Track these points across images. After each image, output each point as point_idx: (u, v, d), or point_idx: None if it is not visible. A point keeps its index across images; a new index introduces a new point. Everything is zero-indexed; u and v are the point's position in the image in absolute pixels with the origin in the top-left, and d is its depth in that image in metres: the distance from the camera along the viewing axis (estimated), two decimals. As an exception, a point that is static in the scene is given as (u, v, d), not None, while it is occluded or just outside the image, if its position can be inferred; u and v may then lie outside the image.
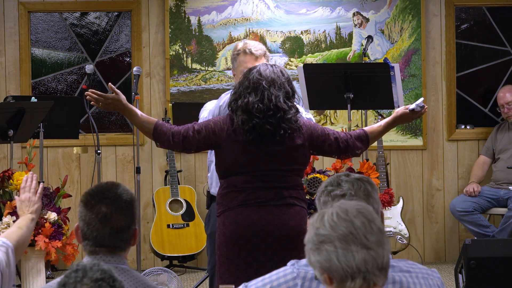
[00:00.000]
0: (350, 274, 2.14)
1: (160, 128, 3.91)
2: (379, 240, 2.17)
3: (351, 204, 2.23)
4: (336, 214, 2.19)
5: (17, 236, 3.17)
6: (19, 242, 3.16)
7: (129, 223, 2.78)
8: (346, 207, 2.21)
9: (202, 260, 7.30)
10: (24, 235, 3.20)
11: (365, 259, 2.14)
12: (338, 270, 2.15)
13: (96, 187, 2.82)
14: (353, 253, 2.14)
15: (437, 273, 2.72)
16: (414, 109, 4.13)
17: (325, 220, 2.19)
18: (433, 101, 7.53)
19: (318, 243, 2.19)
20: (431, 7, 7.52)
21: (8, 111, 5.51)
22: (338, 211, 2.20)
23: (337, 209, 2.21)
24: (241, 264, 3.87)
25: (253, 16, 7.47)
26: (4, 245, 3.06)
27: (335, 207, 2.22)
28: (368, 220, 2.19)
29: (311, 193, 5.23)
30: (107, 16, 7.55)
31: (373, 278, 2.15)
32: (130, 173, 7.40)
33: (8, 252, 3.05)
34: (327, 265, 2.16)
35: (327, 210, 2.22)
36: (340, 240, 2.15)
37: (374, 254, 2.15)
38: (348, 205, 2.22)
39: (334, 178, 2.82)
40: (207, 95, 7.38)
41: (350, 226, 2.16)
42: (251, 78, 3.90)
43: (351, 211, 2.19)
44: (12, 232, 3.18)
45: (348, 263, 2.14)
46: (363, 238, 2.15)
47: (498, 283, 4.71)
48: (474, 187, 7.11)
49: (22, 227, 3.22)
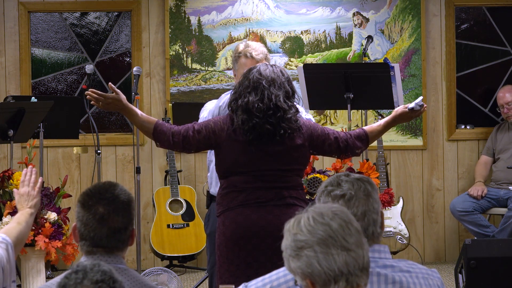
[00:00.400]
0: (332, 278, 2.13)
1: (160, 128, 3.91)
2: (358, 240, 2.17)
3: (326, 207, 2.22)
4: (313, 218, 2.18)
5: (16, 232, 3.16)
6: (18, 238, 3.15)
7: (127, 224, 2.78)
8: (321, 211, 2.19)
9: (202, 260, 7.30)
10: (23, 231, 3.19)
11: (346, 261, 2.13)
12: (320, 275, 2.14)
13: (94, 187, 2.82)
14: (333, 256, 2.13)
15: (437, 273, 2.72)
16: (413, 108, 4.13)
17: (302, 225, 2.18)
18: (433, 101, 7.54)
19: (297, 249, 2.18)
20: (431, 7, 7.52)
21: (8, 111, 5.51)
22: (313, 215, 2.19)
23: (312, 213, 2.19)
24: (241, 264, 3.87)
25: (253, 16, 7.47)
26: (4, 241, 3.06)
27: (309, 212, 2.20)
28: (345, 222, 2.18)
29: (311, 193, 5.24)
30: (107, 16, 7.55)
31: (355, 279, 2.14)
32: (130, 173, 7.40)
33: (8, 249, 3.05)
34: (309, 271, 2.15)
35: (303, 215, 2.21)
36: (320, 244, 2.14)
37: (354, 255, 2.15)
38: (323, 208, 2.21)
39: (334, 178, 2.82)
40: (207, 95, 7.37)
41: (328, 229, 2.15)
42: (251, 78, 3.90)
43: (327, 213, 2.18)
44: (12, 228, 3.17)
45: (330, 266, 2.13)
46: (343, 241, 2.14)
47: (498, 283, 4.71)
48: (479, 190, 7.06)
49: (21, 222, 3.20)
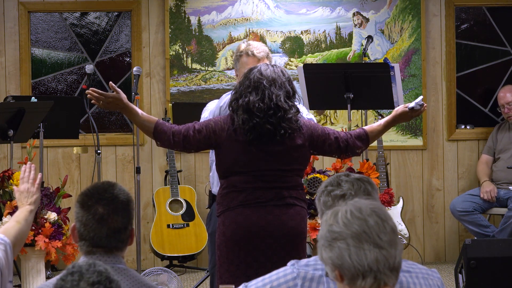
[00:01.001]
0: (361, 273, 2.14)
1: (161, 127, 3.91)
2: (391, 240, 2.17)
3: (365, 202, 2.23)
4: (350, 212, 2.19)
5: (15, 231, 3.13)
6: (17, 237, 3.13)
7: (126, 224, 2.78)
8: (360, 206, 2.21)
9: (202, 260, 7.30)
10: (22, 229, 3.16)
11: (377, 259, 2.14)
12: (349, 268, 2.15)
13: (92, 187, 2.81)
14: (365, 252, 2.14)
15: (437, 273, 2.72)
16: (413, 108, 4.13)
17: (338, 217, 2.20)
18: (433, 101, 7.53)
19: (330, 240, 2.18)
20: (431, 7, 7.52)
21: (8, 111, 5.51)
22: (352, 209, 2.20)
23: (351, 207, 2.21)
24: (241, 264, 3.87)
25: (253, 16, 7.46)
26: (3, 242, 3.04)
27: (349, 205, 2.22)
28: (381, 220, 2.19)
29: (311, 193, 5.24)
30: (107, 16, 7.55)
31: (384, 278, 2.15)
32: (130, 173, 7.40)
33: (7, 250, 3.03)
34: (339, 262, 2.17)
35: (341, 208, 2.22)
36: (353, 238, 2.15)
37: (386, 253, 2.15)
38: (362, 203, 2.22)
39: (334, 178, 2.82)
40: (207, 95, 7.38)
41: (364, 224, 2.17)
42: (252, 78, 3.90)
43: (365, 209, 2.20)
44: (10, 227, 3.15)
45: (360, 261, 2.14)
46: (376, 238, 2.15)
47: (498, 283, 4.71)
48: (493, 191, 7.04)
49: (20, 221, 3.18)
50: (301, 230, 3.94)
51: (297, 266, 2.72)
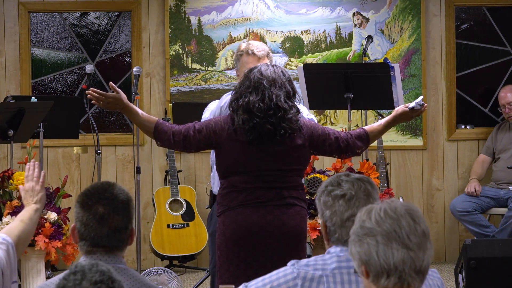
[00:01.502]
0: (386, 271, 2.16)
1: (161, 127, 3.91)
2: (421, 242, 2.18)
3: (401, 204, 2.24)
4: (384, 210, 2.21)
5: (18, 231, 3.11)
6: (20, 237, 3.10)
7: (127, 223, 2.78)
8: (395, 205, 2.22)
9: (202, 260, 7.30)
10: (26, 229, 3.14)
11: (404, 259, 2.15)
12: (375, 265, 2.17)
13: (92, 187, 2.82)
14: (392, 251, 2.15)
15: (437, 273, 2.72)
16: (414, 107, 4.12)
17: (372, 214, 2.21)
18: (433, 101, 7.53)
19: (361, 235, 2.20)
20: (431, 7, 7.52)
21: (8, 111, 5.51)
22: (387, 207, 2.21)
23: (387, 205, 2.22)
24: (241, 264, 3.87)
25: (253, 16, 7.46)
26: (4, 242, 3.02)
27: (384, 203, 2.24)
28: (414, 222, 2.20)
29: (311, 193, 5.24)
30: (107, 16, 7.55)
31: (408, 279, 2.16)
32: (130, 173, 7.40)
33: (9, 250, 3.01)
34: (366, 258, 2.18)
35: (376, 206, 2.24)
36: (383, 235, 2.17)
37: (413, 255, 2.16)
38: (398, 204, 2.24)
39: (334, 178, 2.82)
40: (207, 95, 7.38)
41: (395, 224, 2.18)
42: (252, 78, 3.90)
43: (400, 210, 2.21)
44: (14, 226, 3.13)
45: (386, 259, 2.15)
46: (406, 238, 2.17)
47: (498, 283, 4.71)
48: (475, 186, 7.11)
49: (25, 220, 3.15)
50: (301, 230, 3.94)
51: (297, 266, 2.72)
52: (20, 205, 5.25)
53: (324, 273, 2.69)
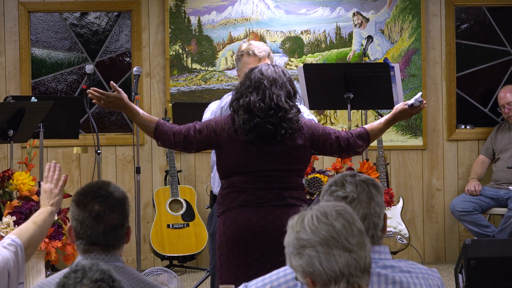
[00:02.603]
0: (333, 278, 2.13)
1: (162, 127, 3.91)
2: (360, 242, 2.16)
3: (330, 205, 2.22)
4: (316, 218, 2.18)
5: (29, 233, 3.08)
6: (31, 240, 3.07)
7: (122, 220, 2.78)
8: (325, 210, 2.19)
9: (202, 260, 7.30)
10: (38, 232, 3.10)
11: (348, 263, 2.13)
12: (321, 275, 2.14)
13: (87, 186, 2.82)
14: (335, 257, 2.13)
15: (437, 273, 2.72)
16: (413, 104, 4.12)
17: (305, 224, 2.18)
18: (433, 101, 7.54)
19: (299, 247, 2.18)
20: (431, 7, 7.52)
21: (8, 111, 5.51)
22: (317, 214, 2.18)
23: (316, 212, 2.19)
24: (241, 264, 3.87)
25: (253, 16, 7.47)
26: (13, 243, 3.01)
27: (314, 210, 2.21)
28: (348, 222, 2.18)
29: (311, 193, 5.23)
30: (107, 16, 7.55)
31: (357, 280, 2.14)
32: (130, 173, 7.40)
33: (17, 251, 2.99)
34: (310, 270, 2.16)
35: (307, 213, 2.21)
36: (322, 244, 2.14)
37: (356, 256, 2.14)
38: (327, 207, 2.21)
39: (340, 178, 2.81)
40: (207, 95, 7.38)
41: (331, 229, 2.15)
42: (253, 78, 3.90)
43: (331, 213, 2.18)
44: (26, 228, 3.10)
45: (331, 267, 2.13)
46: (345, 242, 2.14)
47: (498, 283, 4.71)
48: (475, 185, 7.11)
49: (38, 222, 3.12)
50: (301, 230, 3.94)
51: (297, 266, 2.72)
52: (20, 205, 5.25)
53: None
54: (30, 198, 5.30)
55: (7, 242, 2.99)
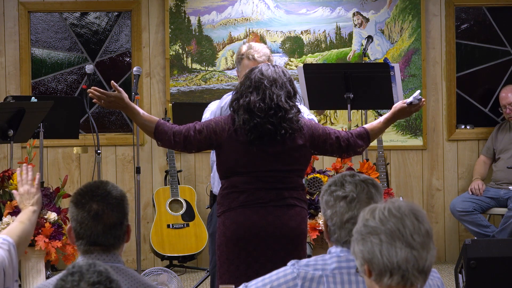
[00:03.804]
0: (389, 270, 2.16)
1: (162, 127, 3.91)
2: (425, 242, 2.18)
3: (405, 203, 2.25)
4: (388, 209, 2.21)
5: (18, 231, 3.13)
6: (21, 237, 3.12)
7: (121, 219, 2.78)
8: (399, 204, 2.22)
9: (202, 260, 7.30)
10: (26, 229, 3.16)
11: (407, 258, 2.16)
12: (378, 263, 2.17)
13: (85, 186, 2.83)
14: (396, 250, 2.16)
15: (437, 273, 2.72)
16: (412, 102, 4.12)
17: (376, 213, 2.21)
18: (433, 101, 7.54)
19: (364, 234, 2.20)
20: (431, 7, 7.52)
21: (8, 111, 5.51)
22: (391, 206, 2.22)
23: (391, 204, 2.22)
24: (241, 264, 3.87)
25: (253, 16, 7.46)
26: (6, 242, 3.03)
27: (389, 202, 2.24)
28: (418, 221, 2.20)
29: (311, 193, 5.23)
30: (107, 16, 7.55)
31: (411, 278, 2.16)
32: (130, 173, 7.40)
33: (11, 249, 3.02)
34: (369, 257, 2.18)
35: (380, 205, 2.24)
36: (387, 234, 2.17)
37: (417, 254, 2.16)
38: (402, 203, 2.24)
39: (339, 178, 2.82)
40: (207, 95, 7.38)
41: (399, 223, 2.18)
42: (253, 78, 3.90)
43: (404, 209, 2.21)
44: (14, 228, 3.15)
45: (390, 258, 2.16)
46: (409, 237, 2.17)
47: (498, 283, 4.71)
48: (479, 184, 7.11)
49: (24, 221, 3.17)
50: (302, 230, 3.94)
51: (297, 266, 2.72)
52: (20, 205, 5.25)
53: (324, 273, 2.69)
54: (30, 198, 5.29)
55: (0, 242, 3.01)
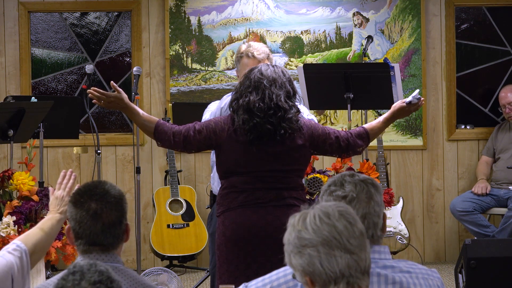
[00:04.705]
0: (333, 279, 2.14)
1: (161, 127, 3.91)
2: (361, 243, 2.17)
3: (332, 205, 2.22)
4: (319, 218, 2.18)
5: (36, 239, 3.03)
6: (37, 246, 3.02)
7: (120, 218, 2.78)
8: (327, 210, 2.19)
9: (202, 260, 7.30)
10: (44, 238, 3.06)
11: (349, 264, 2.14)
12: (321, 275, 2.14)
13: (83, 186, 2.83)
14: (336, 258, 2.13)
15: (437, 273, 2.72)
16: (411, 102, 4.12)
17: (307, 223, 2.18)
18: (433, 101, 7.54)
19: (300, 247, 2.18)
20: (431, 7, 7.52)
21: (8, 111, 5.51)
22: (320, 214, 2.18)
23: (319, 211, 2.19)
24: (241, 264, 3.87)
25: (253, 16, 7.46)
26: (18, 249, 2.96)
27: (316, 209, 2.21)
28: (350, 224, 2.18)
29: (311, 193, 5.23)
30: (107, 16, 7.55)
31: (356, 281, 2.15)
32: (130, 173, 7.40)
33: (22, 257, 2.95)
34: (310, 269, 2.16)
35: (309, 212, 2.21)
36: (324, 245, 2.14)
37: (357, 258, 2.15)
38: (329, 207, 2.21)
39: (339, 178, 2.81)
40: (207, 95, 7.38)
41: (333, 230, 2.16)
42: (252, 78, 3.90)
43: (333, 214, 2.18)
44: (33, 234, 3.05)
45: (332, 268, 2.13)
46: (346, 243, 2.15)
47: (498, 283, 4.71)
48: (484, 187, 7.07)
49: (45, 229, 3.08)
50: (301, 230, 3.94)
51: (297, 266, 2.72)
52: (20, 205, 5.25)
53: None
54: (30, 198, 5.30)
55: (12, 248, 2.96)
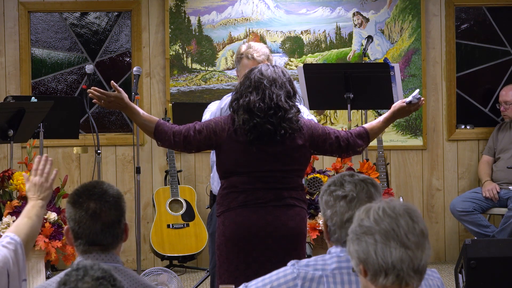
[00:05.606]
0: (384, 270, 2.17)
1: (162, 127, 3.91)
2: (419, 242, 2.19)
3: (400, 203, 2.25)
4: (383, 209, 2.22)
5: (27, 228, 3.04)
6: (29, 235, 3.04)
7: (119, 217, 2.78)
8: (394, 204, 2.23)
9: (202, 260, 7.30)
10: (34, 225, 3.07)
11: (402, 258, 2.16)
12: (373, 264, 2.18)
13: (81, 186, 2.83)
14: (391, 250, 2.16)
15: (437, 273, 2.73)
16: (411, 101, 4.12)
17: (370, 213, 2.22)
18: (433, 101, 7.54)
19: (359, 234, 2.21)
20: (431, 7, 7.52)
21: (8, 111, 5.51)
22: (385, 206, 2.22)
23: (385, 204, 2.23)
24: (241, 264, 3.87)
25: (253, 16, 7.47)
26: (13, 242, 2.97)
27: (383, 202, 2.25)
28: (412, 221, 2.21)
29: (311, 193, 5.24)
30: (107, 16, 7.55)
31: (406, 277, 2.17)
32: (130, 173, 7.40)
33: (17, 249, 2.97)
34: (364, 257, 2.19)
35: (375, 204, 2.25)
36: (381, 234, 2.18)
37: (411, 254, 2.17)
38: (396, 203, 2.25)
39: (338, 178, 2.82)
40: (207, 95, 7.38)
41: (394, 223, 2.19)
42: (253, 78, 3.90)
43: (398, 209, 2.22)
44: (22, 224, 3.06)
45: (385, 258, 2.16)
46: (404, 237, 2.17)
47: (498, 283, 4.71)
48: (494, 189, 7.04)
49: (32, 217, 3.08)
50: (301, 230, 3.94)
51: (297, 266, 2.72)
52: (20, 205, 5.25)
53: (324, 273, 2.69)
54: (30, 198, 5.30)
55: (6, 241, 2.97)
